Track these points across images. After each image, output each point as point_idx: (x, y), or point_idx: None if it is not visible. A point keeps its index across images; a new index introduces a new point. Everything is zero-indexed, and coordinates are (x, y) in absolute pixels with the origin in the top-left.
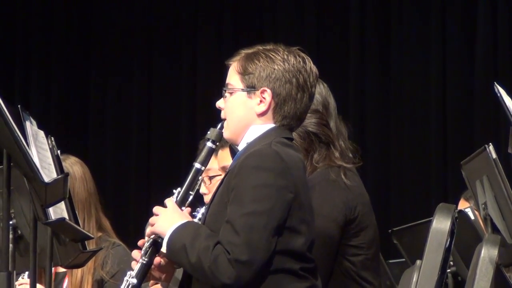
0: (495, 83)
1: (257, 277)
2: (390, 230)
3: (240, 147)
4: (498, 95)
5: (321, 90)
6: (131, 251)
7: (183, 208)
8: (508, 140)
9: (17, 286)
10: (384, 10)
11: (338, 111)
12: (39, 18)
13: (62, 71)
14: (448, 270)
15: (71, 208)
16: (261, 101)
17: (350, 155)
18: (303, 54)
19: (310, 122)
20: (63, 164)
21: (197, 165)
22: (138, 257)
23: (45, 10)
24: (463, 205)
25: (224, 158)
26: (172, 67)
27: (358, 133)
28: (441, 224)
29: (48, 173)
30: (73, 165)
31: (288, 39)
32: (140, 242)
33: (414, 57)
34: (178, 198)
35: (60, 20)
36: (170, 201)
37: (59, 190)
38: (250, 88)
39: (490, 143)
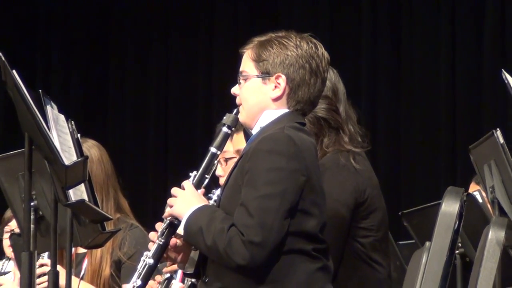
0: (502, 70)
1: (271, 258)
2: (400, 213)
3: (254, 131)
4: (506, 82)
5: (331, 76)
6: (149, 231)
7: (198, 191)
8: None
9: (38, 266)
10: None
11: (350, 96)
12: (60, 5)
13: (82, 58)
14: (457, 252)
15: (90, 190)
16: (275, 86)
17: (359, 139)
18: (314, 40)
19: (319, 107)
20: None
21: (212, 149)
22: (155, 238)
23: None
24: (473, 188)
25: (238, 142)
26: (189, 54)
27: (369, 118)
28: (450, 207)
29: (69, 156)
30: (91, 148)
31: (303, 25)
32: (157, 225)
33: (424, 45)
34: (194, 181)
35: (80, 9)
36: (188, 184)
37: (79, 172)
38: (265, 74)
39: (498, 129)
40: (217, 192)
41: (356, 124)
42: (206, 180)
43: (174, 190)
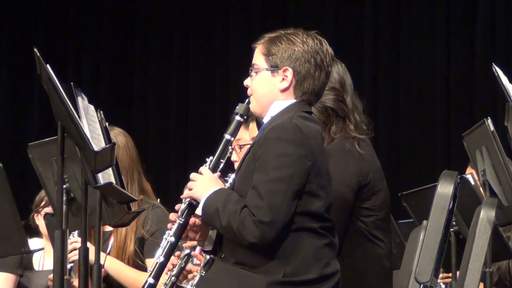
0: (493, 64)
1: (279, 236)
2: (399, 194)
3: (265, 120)
4: (496, 74)
5: (339, 70)
6: (170, 212)
7: (214, 174)
8: (504, 115)
9: (69, 244)
10: None
11: (354, 88)
12: (89, 5)
13: (109, 55)
14: (451, 230)
15: (117, 174)
16: (283, 79)
17: (364, 127)
18: (320, 37)
19: (328, 98)
20: None
21: (227, 136)
22: (175, 218)
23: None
24: (470, 171)
25: (254, 130)
26: (207, 51)
27: (371, 108)
28: (445, 189)
29: (98, 143)
30: (117, 135)
31: (310, 24)
32: (177, 207)
33: (422, 43)
34: (210, 166)
35: (108, 12)
36: (206, 169)
37: (107, 157)
38: (274, 68)
39: (489, 117)
40: (232, 176)
41: (362, 114)
42: (222, 164)
43: (193, 175)
